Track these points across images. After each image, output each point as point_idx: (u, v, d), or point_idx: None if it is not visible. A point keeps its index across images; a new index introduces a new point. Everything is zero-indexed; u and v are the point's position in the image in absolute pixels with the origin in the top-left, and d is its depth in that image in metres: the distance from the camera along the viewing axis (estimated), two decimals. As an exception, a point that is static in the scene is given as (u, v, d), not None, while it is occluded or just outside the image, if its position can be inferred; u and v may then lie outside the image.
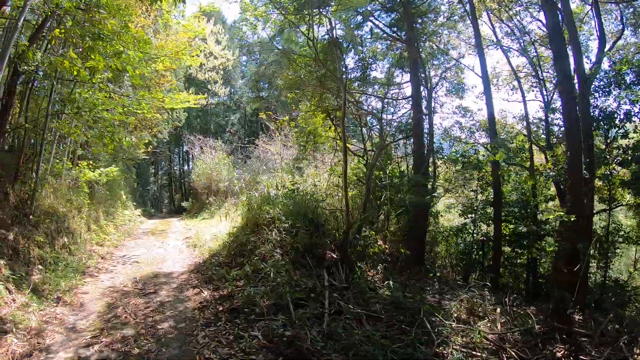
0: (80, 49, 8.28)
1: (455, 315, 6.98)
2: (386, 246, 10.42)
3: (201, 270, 8.19)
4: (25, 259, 8.07)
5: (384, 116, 13.85)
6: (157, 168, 38.00)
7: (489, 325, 6.62)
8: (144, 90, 13.06)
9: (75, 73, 7.77)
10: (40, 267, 8.19)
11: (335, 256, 8.48)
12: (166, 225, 17.90)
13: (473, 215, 12.23)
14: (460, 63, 14.81)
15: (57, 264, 8.70)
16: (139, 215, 20.04)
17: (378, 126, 12.38)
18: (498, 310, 7.16)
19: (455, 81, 14.88)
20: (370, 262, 9.37)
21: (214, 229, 13.39)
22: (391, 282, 8.04)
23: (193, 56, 14.08)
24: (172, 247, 11.68)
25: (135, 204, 20.64)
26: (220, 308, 5.99)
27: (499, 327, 6.57)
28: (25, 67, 8.69)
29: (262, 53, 31.80)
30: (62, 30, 7.80)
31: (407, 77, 14.55)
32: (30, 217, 9.10)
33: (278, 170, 17.56)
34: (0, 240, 7.67)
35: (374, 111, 12.19)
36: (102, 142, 10.75)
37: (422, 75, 12.86)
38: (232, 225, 11.13)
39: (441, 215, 13.96)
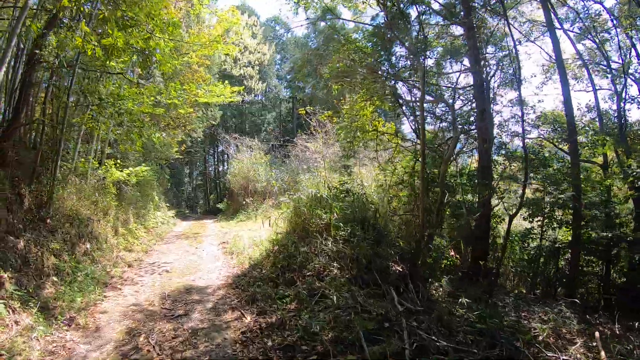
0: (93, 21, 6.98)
1: (541, 338, 5.89)
2: (458, 257, 8.69)
3: (241, 285, 6.77)
4: (38, 269, 6.93)
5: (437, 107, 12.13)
6: (191, 168, 37.41)
7: (585, 354, 5.54)
8: (176, 82, 11.83)
9: (90, 52, 6.52)
10: (54, 278, 7.03)
11: (401, 269, 6.88)
12: (200, 227, 16.75)
13: (540, 219, 10.32)
14: (517, 51, 12.92)
15: (76, 274, 7.56)
16: (172, 216, 19.04)
17: (441, 117, 10.60)
18: (597, 334, 6.10)
19: (510, 71, 12.99)
20: (439, 276, 7.70)
21: (253, 233, 12.05)
22: (464, 300, 6.43)
23: (229, 44, 12.76)
24: (206, 254, 10.38)
25: (168, 205, 19.70)
26: (270, 343, 4.50)
27: (602, 356, 5.09)
28: (38, 52, 7.60)
29: (300, 47, 30.70)
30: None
31: (456, 66, 12.96)
32: (48, 221, 7.99)
33: (319, 169, 16.16)
34: (8, 249, 6.54)
35: (445, 98, 10.41)
36: (129, 138, 9.58)
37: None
38: (273, 230, 9.70)
39: (503, 220, 12.09)
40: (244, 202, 17.98)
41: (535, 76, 19.14)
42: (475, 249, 9.41)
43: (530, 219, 10.43)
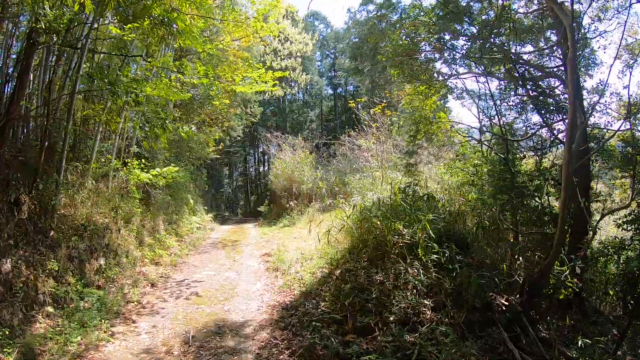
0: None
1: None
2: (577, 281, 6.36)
3: (291, 324, 4.88)
4: (29, 298, 5.36)
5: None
6: (231, 169, 36.32)
7: None
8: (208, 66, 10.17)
9: (76, 7, 4.87)
10: (50, 309, 5.45)
11: (506, 303, 4.78)
12: (240, 233, 15.13)
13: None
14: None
15: (81, 301, 5.97)
16: (210, 220, 17.59)
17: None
18: None
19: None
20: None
21: (299, 243, 10.28)
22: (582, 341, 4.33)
23: (271, 24, 10.94)
24: (245, 269, 8.62)
25: (206, 208, 18.31)
26: None
27: None
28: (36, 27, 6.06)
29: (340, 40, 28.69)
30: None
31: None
32: (52, 233, 6.44)
33: (372, 168, 14.24)
34: (-16, 274, 5.02)
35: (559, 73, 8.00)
36: (152, 132, 7.95)
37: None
38: (325, 239, 7.82)
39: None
40: (287, 205, 16.23)
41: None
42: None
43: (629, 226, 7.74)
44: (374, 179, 15.26)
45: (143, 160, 9.42)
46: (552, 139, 8.65)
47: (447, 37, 9.62)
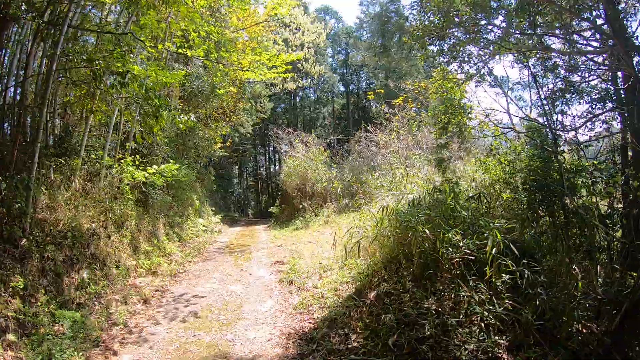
0: None
1: None
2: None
3: (312, 366, 3.69)
4: (-17, 326, 4.28)
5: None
6: (241, 168, 35.30)
7: None
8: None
9: None
10: (11, 337, 4.40)
11: (586, 332, 3.59)
12: (249, 236, 14.04)
13: None
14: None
15: (57, 323, 4.91)
16: (218, 221, 16.53)
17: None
18: None
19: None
20: None
21: (315, 248, 9.17)
22: None
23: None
24: (254, 281, 7.49)
25: (213, 209, 17.27)
26: None
27: None
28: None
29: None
30: None
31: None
32: (23, 242, 5.41)
33: (392, 165, 13.12)
34: None
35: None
36: (146, 123, 6.92)
37: None
38: (346, 246, 6.70)
39: None
40: (301, 206, 15.09)
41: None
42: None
43: None
44: (394, 177, 14.06)
45: (138, 157, 8.35)
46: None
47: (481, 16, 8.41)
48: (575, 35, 6.94)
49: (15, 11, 5.21)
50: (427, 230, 4.21)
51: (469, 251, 3.83)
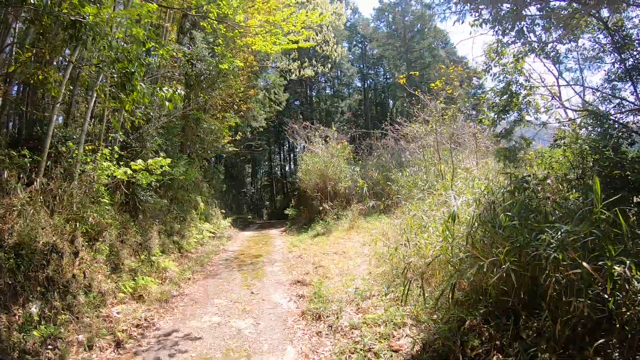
0: None
1: None
2: None
3: None
4: None
5: None
6: (255, 167, 33.60)
7: None
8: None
9: None
10: None
11: None
12: (263, 243, 12.26)
13: None
14: None
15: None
16: (228, 225, 14.82)
17: None
18: None
19: None
20: None
21: (344, 260, 7.46)
22: None
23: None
24: (269, 311, 5.70)
25: (223, 211, 15.54)
26: None
27: None
28: None
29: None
30: None
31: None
32: None
33: (427, 160, 11.38)
34: None
35: None
36: (113, 95, 5.21)
37: None
38: (390, 259, 4.87)
39: None
40: (321, 208, 13.27)
41: None
42: None
43: None
44: (427, 173, 12.41)
45: (117, 149, 6.62)
46: None
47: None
48: None
49: None
50: (584, 263, 2.32)
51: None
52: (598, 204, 2.69)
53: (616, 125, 5.76)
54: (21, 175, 5.41)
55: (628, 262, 2.34)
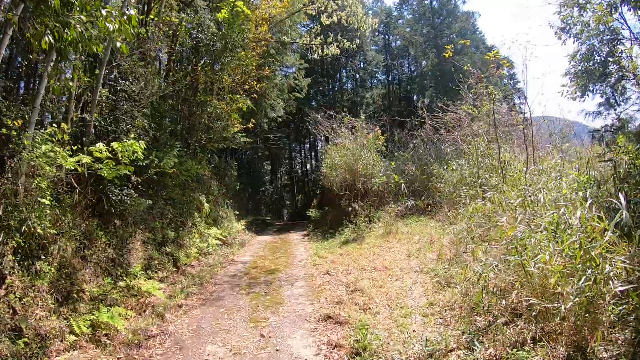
0: None
1: None
2: None
3: None
4: None
5: None
6: (275, 164, 31.74)
7: None
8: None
9: None
10: None
11: None
12: (282, 252, 10.29)
13: None
14: None
15: None
16: (242, 229, 12.97)
17: None
18: None
19: None
20: None
21: (389, 280, 5.46)
22: None
23: None
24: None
25: (237, 212, 13.66)
26: None
27: None
28: None
29: None
30: None
31: None
32: None
33: (475, 148, 9.78)
34: None
35: None
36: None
37: None
38: (437, 271, 2.89)
39: None
40: (350, 209, 11.21)
41: None
42: None
43: None
44: (477, 166, 10.57)
45: (65, 127, 4.73)
46: None
47: None
48: None
49: None
50: None
51: None
52: None
53: None
54: None
55: None
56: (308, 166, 35.92)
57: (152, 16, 7.46)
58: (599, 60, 6.66)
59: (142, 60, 7.73)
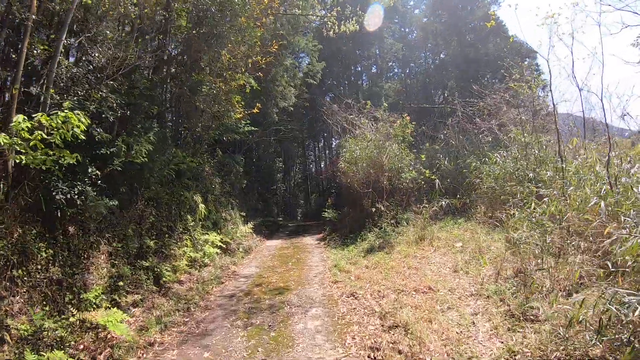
0: None
1: None
2: None
3: None
4: None
5: None
6: (287, 161, 30.23)
7: None
8: None
9: None
10: None
11: None
12: (293, 263, 8.71)
13: None
14: None
15: None
16: (250, 232, 11.45)
17: None
18: None
19: None
20: None
21: (435, 307, 3.77)
22: None
23: None
24: None
25: (243, 214, 12.13)
26: None
27: None
28: None
29: None
30: None
31: None
32: None
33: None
34: None
35: None
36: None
37: None
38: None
39: None
40: (373, 210, 9.60)
41: None
42: None
43: None
44: (526, 160, 9.22)
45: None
46: None
47: None
48: None
49: None
50: None
51: None
52: None
53: None
54: None
55: None
56: (322, 164, 34.49)
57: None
58: None
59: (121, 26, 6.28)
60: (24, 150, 3.19)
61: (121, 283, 4.96)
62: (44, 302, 3.85)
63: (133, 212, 5.76)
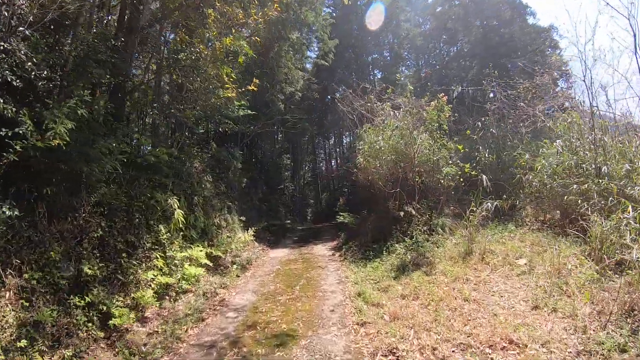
0: None
1: None
2: None
3: None
4: None
5: None
6: (296, 159, 28.45)
7: None
8: None
9: None
10: None
11: None
12: (301, 287, 6.88)
13: None
14: None
15: None
16: (251, 239, 9.65)
17: None
18: None
19: None
20: None
21: None
22: None
23: None
24: None
25: (243, 218, 10.38)
26: None
27: None
28: None
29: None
30: None
31: None
32: None
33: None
34: None
35: None
36: None
37: None
38: None
39: None
40: (402, 214, 7.80)
41: None
42: None
43: None
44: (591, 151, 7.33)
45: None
46: None
47: None
48: None
49: None
50: None
51: None
52: None
53: None
54: None
55: None
56: (333, 162, 32.92)
57: None
58: None
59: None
60: None
61: (36, 336, 3.26)
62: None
63: (68, 224, 4.04)
